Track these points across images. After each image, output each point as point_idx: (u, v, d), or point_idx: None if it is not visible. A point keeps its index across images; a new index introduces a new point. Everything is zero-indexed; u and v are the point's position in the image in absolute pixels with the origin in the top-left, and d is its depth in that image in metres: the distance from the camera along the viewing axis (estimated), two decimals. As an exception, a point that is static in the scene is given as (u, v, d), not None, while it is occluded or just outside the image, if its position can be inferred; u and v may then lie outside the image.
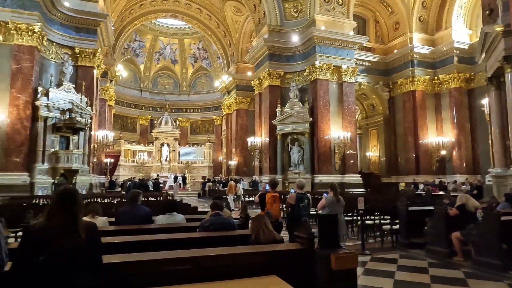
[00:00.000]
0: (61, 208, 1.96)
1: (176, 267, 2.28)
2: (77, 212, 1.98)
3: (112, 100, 24.36)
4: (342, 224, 5.42)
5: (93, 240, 2.00)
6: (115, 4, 21.68)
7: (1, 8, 13.07)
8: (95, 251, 2.00)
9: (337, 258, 2.34)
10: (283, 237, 3.19)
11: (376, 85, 21.69)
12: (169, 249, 2.65)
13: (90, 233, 1.99)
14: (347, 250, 2.55)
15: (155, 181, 19.18)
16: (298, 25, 19.22)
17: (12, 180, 12.65)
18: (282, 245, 2.88)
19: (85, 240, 1.93)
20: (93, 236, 2.02)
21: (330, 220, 2.70)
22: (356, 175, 18.33)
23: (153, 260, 2.32)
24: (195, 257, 2.38)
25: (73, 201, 1.99)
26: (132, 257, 2.32)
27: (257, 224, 2.98)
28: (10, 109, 12.96)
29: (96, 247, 2.03)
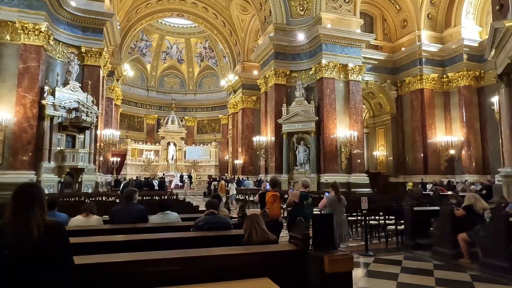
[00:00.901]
0: (16, 205, 1.85)
1: (162, 268, 2.19)
2: (33, 209, 1.84)
3: (118, 99, 24.49)
4: (344, 224, 5.30)
5: (57, 240, 1.88)
6: (121, 3, 21.76)
7: (8, 8, 13.18)
8: (60, 252, 1.87)
9: (331, 260, 2.22)
10: (277, 238, 3.09)
11: (384, 83, 21.41)
12: (160, 249, 2.58)
13: (52, 233, 1.86)
14: (342, 252, 2.44)
15: (161, 179, 19.20)
16: (304, 23, 19.04)
17: (18, 179, 12.66)
18: (275, 246, 2.78)
19: (42, 239, 1.80)
20: (57, 236, 1.89)
21: (325, 219, 2.60)
22: (362, 175, 18.11)
23: (137, 260, 2.23)
24: (182, 258, 2.29)
25: (29, 198, 1.86)
26: (114, 258, 2.24)
27: (250, 223, 2.88)
28: (17, 108, 13.08)
29: (61, 247, 1.89)
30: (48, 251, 1.83)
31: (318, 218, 2.59)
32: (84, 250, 2.42)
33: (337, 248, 5.46)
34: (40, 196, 1.92)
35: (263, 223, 2.92)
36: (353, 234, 7.86)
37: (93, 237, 2.98)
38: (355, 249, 6.37)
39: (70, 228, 3.44)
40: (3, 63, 13.11)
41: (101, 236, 3.07)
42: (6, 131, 12.83)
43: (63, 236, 1.94)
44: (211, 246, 2.75)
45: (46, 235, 1.83)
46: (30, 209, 1.84)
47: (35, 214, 1.84)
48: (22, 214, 1.82)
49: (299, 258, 2.46)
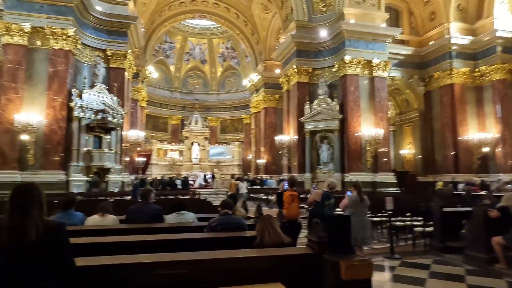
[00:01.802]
0: (13, 206, 1.81)
1: (169, 271, 2.12)
2: (29, 210, 1.81)
3: (143, 100, 25.04)
4: (367, 226, 5.07)
5: (56, 240, 1.83)
6: (145, 7, 22.23)
7: (39, 15, 13.72)
8: (59, 252, 1.83)
9: (348, 266, 2.05)
10: (291, 240, 2.95)
11: (411, 79, 20.65)
12: (171, 250, 2.51)
13: (51, 233, 1.83)
14: (361, 257, 2.26)
15: (184, 179, 19.44)
16: (327, 19, 18.66)
17: (50, 178, 13.27)
18: (289, 249, 2.63)
19: (41, 240, 1.77)
20: (56, 237, 1.85)
21: (342, 221, 2.43)
22: (389, 174, 17.53)
23: (143, 263, 2.16)
24: (191, 261, 2.21)
25: (25, 198, 1.83)
26: (119, 260, 2.19)
27: (262, 225, 2.76)
28: (47, 110, 13.60)
29: (61, 248, 1.85)
30: (47, 252, 1.80)
31: (334, 220, 2.43)
32: (92, 250, 2.40)
33: (360, 250, 5.26)
34: (38, 197, 1.89)
35: (276, 225, 2.80)
36: (378, 235, 7.56)
37: (102, 237, 2.96)
38: (380, 252, 6.10)
39: (84, 227, 3.47)
40: (35, 68, 13.67)
41: (109, 236, 3.04)
42: (38, 132, 13.36)
43: (62, 237, 1.90)
44: (224, 248, 2.66)
45: (44, 236, 1.80)
46: (27, 209, 1.81)
47: (32, 214, 1.81)
48: (18, 214, 1.79)
49: (314, 262, 2.31)
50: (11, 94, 13.24)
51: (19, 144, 13.10)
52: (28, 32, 13.47)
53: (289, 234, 4.29)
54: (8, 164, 13.06)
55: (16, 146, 13.10)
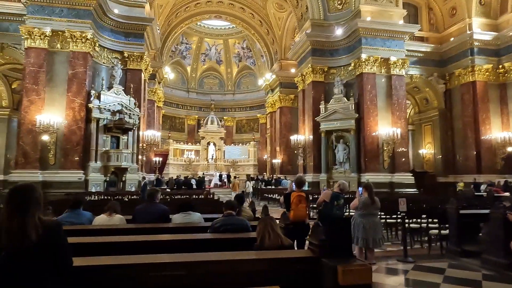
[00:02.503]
0: (12, 207, 1.82)
1: (166, 272, 2.11)
2: (29, 211, 1.82)
3: (160, 101, 25.41)
4: (378, 227, 4.94)
5: (52, 240, 1.84)
6: (161, 9, 22.54)
7: (59, 19, 14.13)
8: (58, 252, 1.85)
9: (345, 271, 1.97)
10: (292, 243, 2.89)
11: (430, 77, 20.09)
12: (174, 251, 2.51)
13: (50, 233, 1.84)
14: (360, 262, 2.18)
15: (199, 179, 19.61)
16: (342, 17, 18.40)
17: (69, 177, 13.66)
18: (289, 252, 2.57)
19: (39, 240, 1.78)
20: (55, 236, 1.86)
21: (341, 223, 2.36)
22: (407, 174, 17.11)
23: (140, 264, 2.16)
24: (188, 262, 2.20)
25: (24, 199, 1.84)
26: (116, 260, 2.20)
27: (262, 227, 2.72)
28: (67, 111, 13.98)
29: (59, 247, 1.87)
30: (47, 252, 1.81)
31: (333, 222, 2.37)
32: (97, 249, 2.42)
33: (372, 252, 5.14)
34: (36, 197, 1.90)
35: (277, 227, 2.75)
36: (393, 237, 7.38)
37: (106, 237, 3.00)
38: (393, 254, 5.94)
39: (91, 227, 3.53)
40: (55, 70, 14.08)
41: (113, 236, 3.07)
42: (58, 133, 13.75)
43: (60, 236, 1.91)
44: (226, 249, 2.64)
45: (44, 236, 1.81)
46: (27, 210, 1.82)
47: (32, 215, 1.82)
48: (18, 216, 1.80)
49: (314, 266, 2.25)
50: (33, 96, 13.69)
51: (40, 144, 13.52)
52: (49, 36, 13.88)
53: (296, 236, 4.27)
54: (30, 164, 13.51)
55: (38, 146, 13.53)
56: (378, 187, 15.80)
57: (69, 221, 3.59)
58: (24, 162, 13.47)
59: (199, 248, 2.60)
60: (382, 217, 7.60)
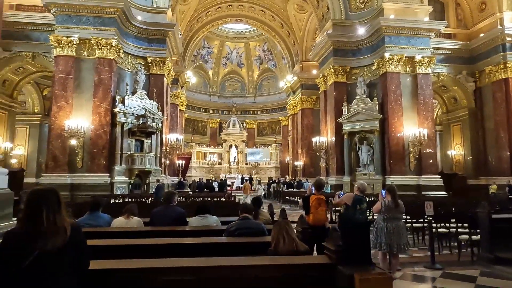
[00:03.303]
0: (33, 209, 1.84)
1: (174, 277, 2.07)
2: (54, 213, 1.84)
3: (183, 105, 25.80)
4: (402, 232, 4.71)
5: (77, 241, 1.88)
6: (183, 14, 22.93)
7: (85, 27, 14.64)
8: (79, 254, 1.88)
9: (362, 280, 1.84)
10: (308, 248, 2.77)
11: (459, 75, 19.29)
12: (187, 255, 2.48)
13: (74, 234, 1.86)
14: (379, 270, 2.05)
15: (220, 181, 19.71)
16: (365, 16, 18.02)
17: (95, 180, 14.07)
18: (304, 258, 2.46)
19: (67, 241, 1.80)
20: (78, 237, 1.89)
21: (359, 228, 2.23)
22: (435, 176, 16.46)
23: (148, 268, 2.13)
24: (197, 267, 2.14)
25: (46, 201, 1.85)
26: (125, 264, 2.18)
27: (277, 231, 2.63)
28: (93, 116, 14.43)
29: (81, 249, 1.90)
30: (72, 252, 1.84)
31: (350, 227, 2.25)
32: (113, 252, 2.42)
33: (396, 258, 4.92)
34: (58, 199, 1.93)
35: (292, 231, 2.65)
36: (420, 242, 7.07)
37: (121, 239, 3.01)
38: (420, 261, 5.67)
39: (108, 229, 3.57)
40: (82, 77, 14.57)
41: (128, 238, 3.08)
42: (85, 137, 14.21)
43: (82, 237, 1.96)
44: (241, 253, 2.57)
45: (70, 236, 1.86)
46: (59, 211, 1.86)
47: (63, 216, 1.86)
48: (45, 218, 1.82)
49: (330, 273, 2.13)
50: (61, 102, 14.22)
51: (69, 148, 14.01)
52: (76, 44, 14.40)
53: (315, 241, 4.14)
54: (60, 167, 14.02)
55: (66, 150, 14.02)
56: (404, 189, 15.35)
57: (88, 223, 3.65)
58: (53, 165, 14.00)
59: (213, 252, 2.56)
60: (408, 221, 7.31)
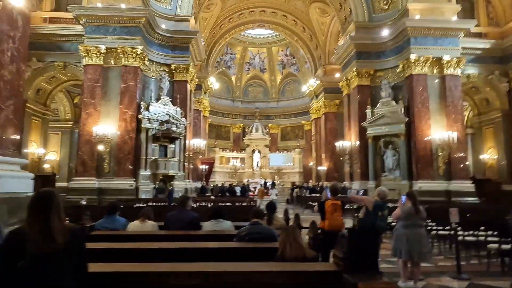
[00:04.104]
0: (36, 211, 1.89)
1: (181, 281, 2.07)
2: (52, 215, 1.87)
3: (206, 110, 26.19)
4: (424, 239, 4.50)
5: (76, 245, 1.89)
6: (206, 21, 23.38)
7: (112, 37, 15.21)
8: (78, 257, 1.90)
9: None
10: (317, 255, 2.70)
11: (491, 75, 18.37)
12: (197, 259, 2.49)
13: (72, 237, 1.89)
14: (385, 280, 1.96)
15: (243, 186, 19.76)
16: (388, 18, 17.64)
17: (121, 185, 14.49)
18: (310, 265, 2.40)
19: (64, 244, 1.83)
20: (77, 241, 1.91)
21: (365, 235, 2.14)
22: (466, 181, 15.73)
23: (156, 272, 2.13)
24: (203, 272, 2.14)
25: (47, 204, 1.89)
26: (130, 267, 2.20)
27: (285, 237, 2.57)
28: (119, 122, 14.90)
29: (80, 252, 1.92)
30: (70, 256, 1.86)
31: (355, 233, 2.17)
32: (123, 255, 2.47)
33: (417, 267, 4.71)
34: (59, 202, 1.97)
35: (300, 237, 2.59)
36: (446, 251, 6.75)
37: (132, 243, 3.06)
38: (445, 270, 5.40)
39: (123, 232, 3.65)
40: (109, 85, 15.12)
41: (141, 242, 3.13)
42: (112, 143, 14.69)
43: (83, 241, 1.98)
44: (250, 258, 2.55)
45: (69, 240, 1.87)
46: (54, 215, 1.89)
47: (57, 220, 1.88)
48: (44, 220, 1.86)
49: (336, 282, 2.06)
50: (90, 109, 14.81)
51: (96, 154, 14.54)
52: (104, 53, 14.98)
53: (330, 247, 4.03)
54: (88, 172, 14.56)
55: (95, 156, 14.55)
56: (433, 195, 14.80)
57: (105, 226, 3.77)
58: (82, 170, 14.56)
59: (223, 257, 2.55)
60: (434, 228, 7.01)
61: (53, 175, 17.88)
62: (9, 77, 4.60)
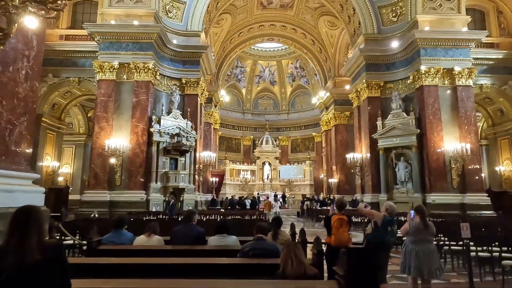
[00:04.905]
0: (14, 227, 1.88)
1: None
2: (29, 232, 1.86)
3: (217, 123, 26.39)
4: (434, 255, 4.38)
5: (54, 262, 1.88)
6: (216, 36, 23.79)
7: (125, 52, 15.62)
8: (57, 275, 1.87)
9: None
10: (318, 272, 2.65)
11: (504, 86, 18.10)
12: (201, 275, 2.50)
13: (51, 255, 1.87)
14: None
15: (252, 199, 19.70)
16: (398, 30, 17.65)
17: (133, 197, 14.64)
18: (311, 282, 2.36)
19: (41, 261, 1.81)
20: (55, 258, 1.89)
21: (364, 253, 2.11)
22: (481, 194, 15.37)
23: None
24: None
25: (23, 221, 1.89)
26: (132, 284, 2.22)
27: (286, 253, 2.55)
28: (131, 136, 15.15)
29: (59, 270, 1.89)
30: (46, 273, 1.84)
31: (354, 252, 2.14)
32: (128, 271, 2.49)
33: (428, 284, 4.57)
34: (37, 219, 1.95)
35: (301, 253, 2.56)
36: (459, 267, 6.55)
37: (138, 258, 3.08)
38: (458, 287, 5.24)
39: (129, 247, 3.68)
40: (121, 99, 15.44)
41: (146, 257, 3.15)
42: (124, 156, 14.90)
43: (61, 258, 1.95)
44: (253, 274, 2.54)
45: (45, 257, 1.85)
46: (27, 231, 1.87)
47: (31, 235, 1.86)
48: (18, 236, 1.85)
49: (338, 300, 2.04)
50: (103, 123, 15.12)
51: (108, 167, 14.75)
52: (117, 68, 15.37)
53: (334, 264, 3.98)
54: (100, 185, 14.77)
55: (107, 169, 14.77)
56: (446, 208, 14.47)
57: (111, 240, 3.81)
58: (95, 183, 14.78)
59: (227, 272, 2.55)
60: (446, 244, 6.84)
61: (66, 188, 18.18)
62: (23, 94, 4.76)
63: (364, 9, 18.39)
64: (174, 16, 17.71)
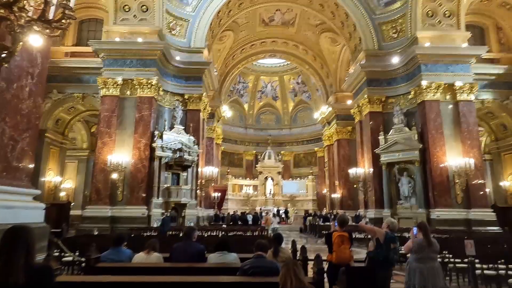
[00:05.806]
0: (1, 248, 1.85)
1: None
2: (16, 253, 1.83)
3: (219, 138, 26.47)
4: (438, 273, 4.29)
5: (41, 284, 1.85)
6: (219, 52, 24.13)
7: (129, 69, 15.85)
8: None
9: None
10: None
11: (506, 100, 18.12)
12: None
13: (38, 276, 1.85)
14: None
15: (254, 215, 19.53)
16: (398, 45, 17.87)
17: (134, 213, 14.55)
18: None
19: (26, 284, 1.78)
20: (43, 280, 1.87)
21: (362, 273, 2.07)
22: (486, 210, 15.15)
23: None
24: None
25: (13, 241, 1.86)
26: None
27: (285, 272, 2.51)
28: (133, 151, 15.18)
29: None
30: None
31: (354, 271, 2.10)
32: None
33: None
34: (26, 240, 1.92)
35: (301, 272, 2.51)
36: (465, 284, 6.41)
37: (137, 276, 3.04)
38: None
39: (128, 265, 3.63)
40: (124, 114, 15.56)
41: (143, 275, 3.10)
42: (126, 171, 14.90)
43: (48, 281, 1.92)
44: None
45: (31, 279, 1.82)
46: (14, 253, 1.84)
47: (18, 257, 1.84)
48: (4, 258, 1.82)
49: (338, 320, 1.99)
50: (106, 138, 15.20)
51: (110, 182, 14.73)
52: (120, 84, 15.54)
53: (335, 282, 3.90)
54: (102, 200, 14.73)
55: (108, 184, 14.75)
56: (451, 224, 14.28)
57: (110, 258, 3.77)
58: (96, 198, 14.74)
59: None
60: (451, 261, 6.71)
61: (68, 203, 18.13)
62: (26, 110, 4.81)
63: (364, 26, 18.67)
64: (177, 33, 18.05)
